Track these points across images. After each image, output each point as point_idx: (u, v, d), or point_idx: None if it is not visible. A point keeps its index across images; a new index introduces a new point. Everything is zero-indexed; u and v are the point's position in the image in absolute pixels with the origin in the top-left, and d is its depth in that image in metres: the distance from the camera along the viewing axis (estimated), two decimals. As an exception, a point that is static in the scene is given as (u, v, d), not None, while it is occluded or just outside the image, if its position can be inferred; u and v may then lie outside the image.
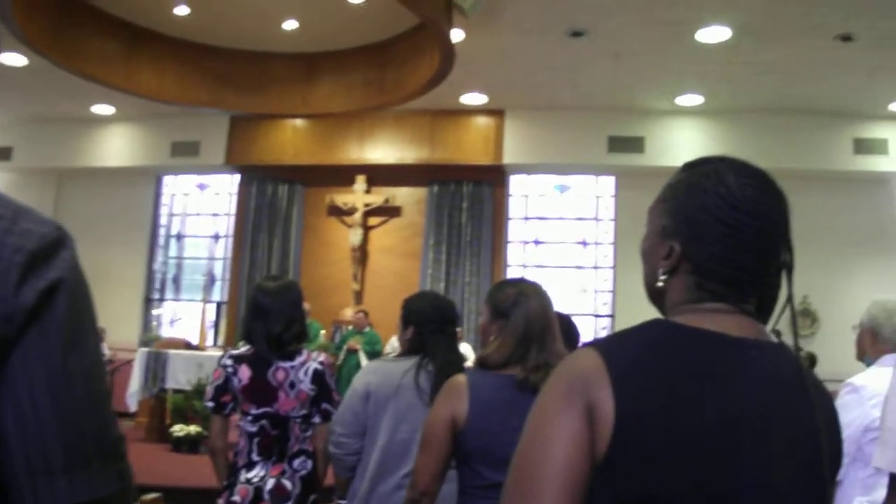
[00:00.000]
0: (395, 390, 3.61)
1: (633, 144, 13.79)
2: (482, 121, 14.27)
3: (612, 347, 1.38)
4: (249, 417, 3.94)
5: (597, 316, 14.68)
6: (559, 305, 3.33)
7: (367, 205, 14.51)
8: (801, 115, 13.56)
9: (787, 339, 1.60)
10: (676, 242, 1.48)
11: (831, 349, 11.53)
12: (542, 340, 2.91)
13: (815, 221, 13.40)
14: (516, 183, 15.12)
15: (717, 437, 1.31)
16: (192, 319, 15.21)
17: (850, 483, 3.30)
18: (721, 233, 1.45)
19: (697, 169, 1.54)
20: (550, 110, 13.76)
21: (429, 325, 3.74)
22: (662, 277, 1.50)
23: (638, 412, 1.28)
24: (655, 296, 1.56)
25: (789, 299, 1.52)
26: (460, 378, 2.89)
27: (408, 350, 3.78)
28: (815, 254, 13.33)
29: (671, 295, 1.50)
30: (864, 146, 13.76)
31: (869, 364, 3.66)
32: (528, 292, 3.02)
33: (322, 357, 4.16)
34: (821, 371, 10.31)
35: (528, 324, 2.92)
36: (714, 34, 10.66)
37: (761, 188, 1.52)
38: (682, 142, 13.69)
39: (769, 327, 1.52)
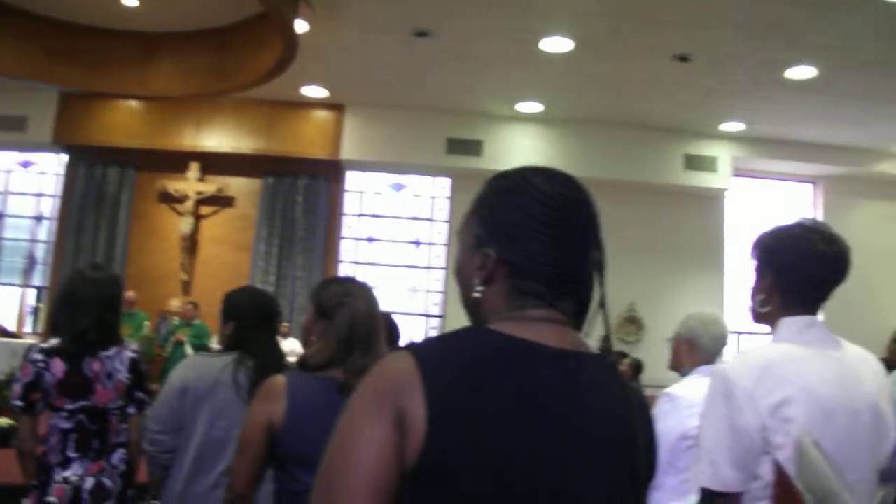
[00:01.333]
0: (212, 386, 3.48)
1: (472, 147, 13.92)
2: (322, 115, 14.14)
3: (428, 353, 1.33)
4: (64, 413, 3.73)
5: (427, 316, 14.72)
6: (390, 304, 3.25)
7: (199, 193, 14.13)
8: (637, 129, 13.99)
9: (616, 345, 1.59)
10: (491, 249, 1.45)
11: (656, 356, 11.85)
12: (367, 343, 2.84)
13: (645, 232, 13.87)
14: (353, 179, 15.04)
15: (534, 447, 1.29)
16: (9, 304, 14.57)
17: (665, 488, 3.37)
18: (536, 230, 1.44)
19: (503, 177, 1.54)
20: (391, 108, 13.76)
21: (249, 320, 3.64)
22: (479, 288, 1.47)
23: (450, 421, 1.25)
24: (473, 309, 1.51)
25: (602, 302, 1.51)
26: (278, 379, 2.79)
27: (227, 345, 3.67)
28: (644, 264, 13.77)
29: (491, 304, 1.46)
30: (694, 163, 14.31)
31: (685, 374, 3.75)
32: (355, 293, 2.93)
33: (134, 345, 4.00)
34: (646, 377, 10.65)
35: (353, 326, 2.84)
36: (557, 45, 10.84)
37: (570, 187, 1.53)
38: (520, 148, 13.92)
39: (596, 334, 1.51)
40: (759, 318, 2.48)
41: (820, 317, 2.41)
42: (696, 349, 3.75)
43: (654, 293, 14.13)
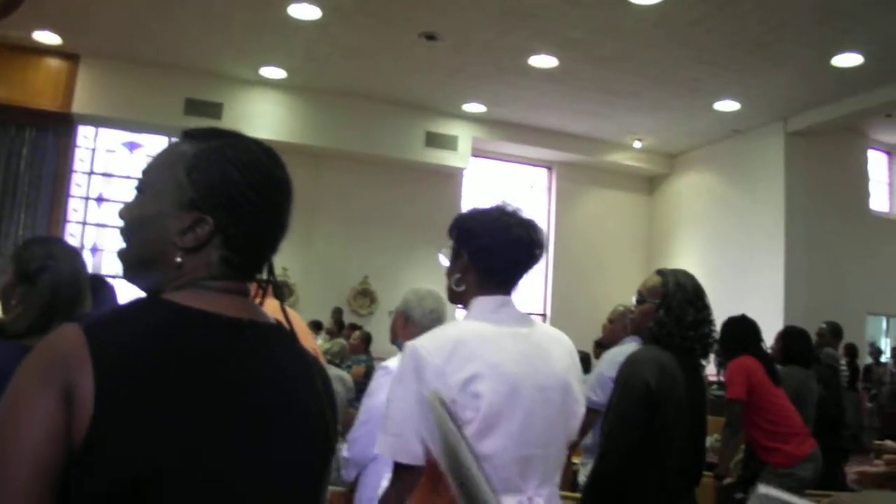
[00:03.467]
0: None
1: (211, 110, 13.45)
2: (54, 63, 13.24)
3: (99, 326, 1.27)
4: None
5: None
6: (118, 268, 3.08)
7: (-89, 140, 13.05)
8: (380, 103, 14.10)
9: (350, 317, 1.47)
10: (209, 216, 1.41)
11: (388, 329, 12.03)
12: (70, 310, 2.65)
13: (383, 207, 14.04)
14: (84, 135, 14.26)
15: (204, 421, 1.28)
16: None
17: (383, 459, 3.38)
18: (257, 206, 1.44)
19: (219, 140, 1.50)
20: (129, 62, 13.10)
21: None
22: (181, 255, 1.42)
23: (119, 395, 1.20)
24: (150, 268, 1.45)
25: (270, 272, 1.55)
26: None
27: None
28: (381, 238, 13.94)
29: (187, 268, 1.43)
30: (435, 140, 14.58)
31: (400, 347, 3.76)
32: (59, 255, 2.74)
33: None
34: (376, 350, 10.65)
35: (56, 291, 2.67)
36: (305, 11, 10.69)
37: (282, 165, 1.53)
38: (262, 113, 13.72)
39: (330, 307, 1.45)
40: (454, 296, 2.56)
41: (513, 296, 2.49)
42: (411, 322, 3.84)
43: (390, 267, 14.35)
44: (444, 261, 2.61)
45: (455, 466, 0.91)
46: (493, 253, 2.43)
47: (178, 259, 1.41)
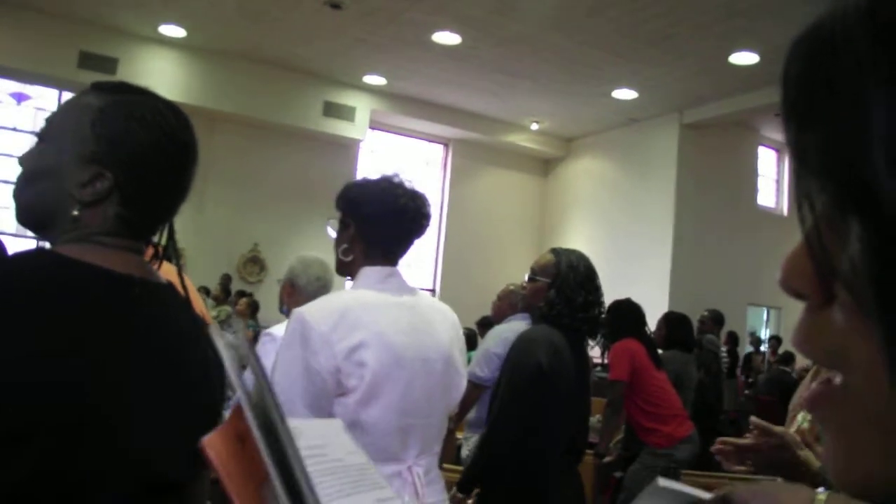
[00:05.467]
0: None
1: (106, 64, 12.97)
2: (-62, 6, 12.68)
3: None
4: None
5: (46, 237, 13.73)
6: (6, 225, 2.98)
7: None
8: (280, 69, 13.97)
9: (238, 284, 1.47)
10: (110, 172, 1.39)
11: (277, 297, 11.95)
12: None
13: (277, 174, 13.94)
14: (-32, 82, 13.64)
15: (86, 373, 1.25)
16: None
17: None
18: (163, 170, 1.44)
19: (128, 96, 1.47)
20: (21, 9, 12.51)
21: None
22: (78, 208, 1.40)
23: (2, 345, 1.17)
24: (46, 218, 1.44)
25: (171, 236, 1.55)
26: None
27: None
28: (274, 205, 13.83)
29: (82, 222, 1.40)
30: (333, 110, 14.53)
31: (287, 315, 3.79)
32: None
33: None
34: (265, 319, 10.57)
35: None
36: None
37: (191, 129, 1.52)
38: (158, 72, 13.35)
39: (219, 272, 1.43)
40: (342, 267, 2.58)
41: (399, 267, 2.53)
42: (297, 290, 3.93)
43: (281, 235, 14.25)
44: (332, 232, 2.63)
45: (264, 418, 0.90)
46: (380, 223, 2.47)
47: (75, 212, 1.39)
